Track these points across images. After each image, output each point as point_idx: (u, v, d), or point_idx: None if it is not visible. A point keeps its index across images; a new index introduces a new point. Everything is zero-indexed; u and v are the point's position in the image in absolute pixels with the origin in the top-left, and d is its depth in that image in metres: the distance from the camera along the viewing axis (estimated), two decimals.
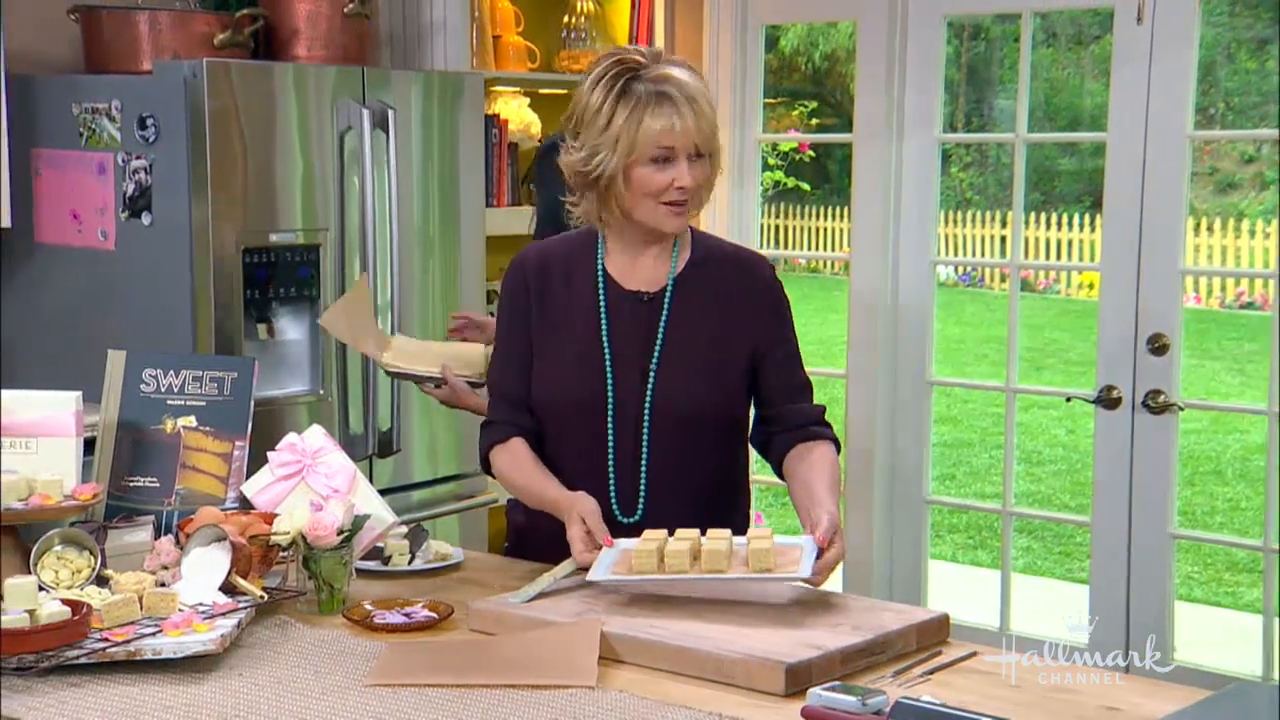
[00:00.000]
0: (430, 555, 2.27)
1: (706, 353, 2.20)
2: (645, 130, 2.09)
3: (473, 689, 1.73)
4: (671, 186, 2.12)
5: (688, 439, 2.19)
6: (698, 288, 2.22)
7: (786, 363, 2.25)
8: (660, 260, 2.23)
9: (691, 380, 2.19)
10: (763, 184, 4.60)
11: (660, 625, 1.87)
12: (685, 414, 2.18)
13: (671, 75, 2.12)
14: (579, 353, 2.20)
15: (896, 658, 1.84)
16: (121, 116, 3.27)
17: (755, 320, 2.23)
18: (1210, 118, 12.56)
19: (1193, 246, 11.84)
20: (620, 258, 2.23)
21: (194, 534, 2.04)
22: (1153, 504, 3.56)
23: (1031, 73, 3.88)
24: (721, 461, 2.24)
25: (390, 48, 3.93)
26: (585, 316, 2.21)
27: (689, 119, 2.09)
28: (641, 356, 2.19)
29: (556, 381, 2.21)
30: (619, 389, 2.19)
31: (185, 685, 1.76)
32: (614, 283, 2.22)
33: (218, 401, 2.28)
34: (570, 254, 2.26)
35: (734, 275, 2.25)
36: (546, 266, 2.25)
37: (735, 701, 1.71)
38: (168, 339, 3.21)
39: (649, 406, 2.18)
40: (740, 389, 2.23)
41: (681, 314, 2.21)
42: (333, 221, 3.40)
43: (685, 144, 2.10)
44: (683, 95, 2.10)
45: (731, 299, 2.22)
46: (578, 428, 2.20)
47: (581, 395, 2.19)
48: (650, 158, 2.11)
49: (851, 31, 3.97)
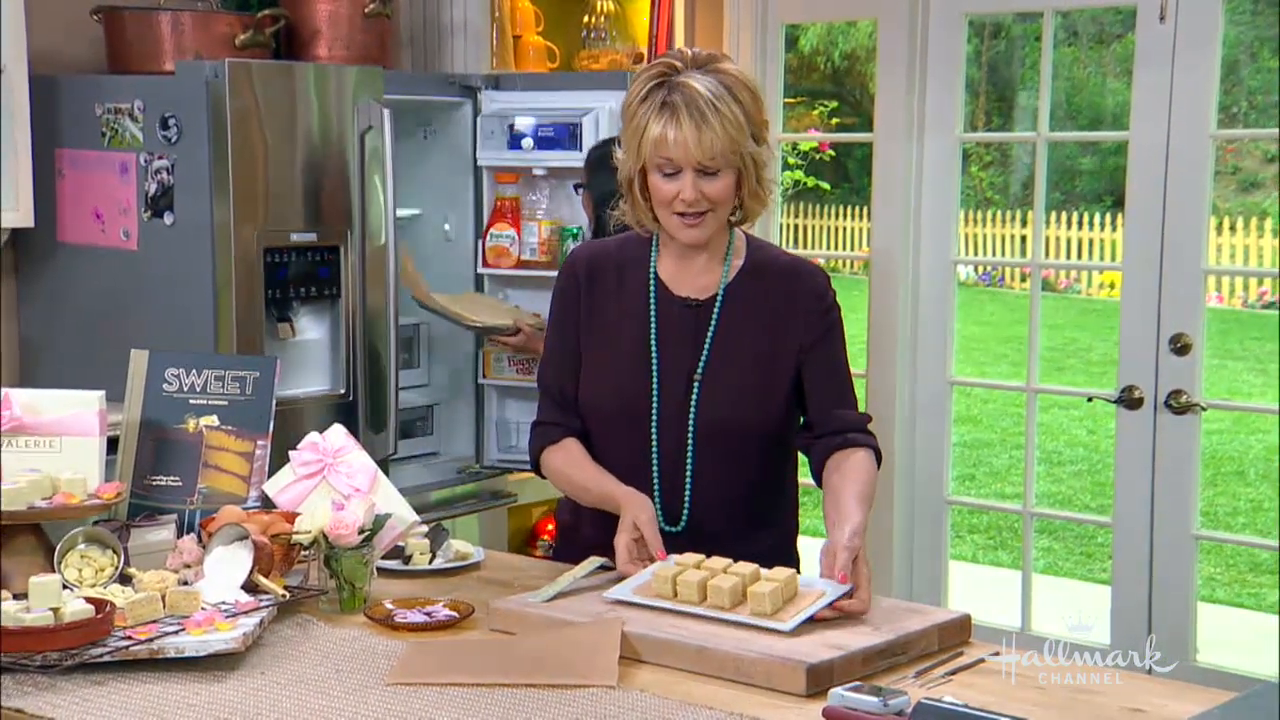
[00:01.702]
0: (451, 554, 2.28)
1: (753, 363, 2.16)
2: (647, 138, 2.06)
3: (493, 688, 1.73)
4: (677, 198, 2.08)
5: (733, 449, 2.16)
6: (748, 297, 2.18)
7: (832, 372, 2.20)
8: (711, 267, 2.19)
9: (737, 391, 2.15)
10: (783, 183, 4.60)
11: (681, 625, 1.87)
12: (730, 424, 2.15)
13: (688, 84, 2.04)
14: (627, 356, 2.17)
15: (918, 658, 1.84)
16: (144, 117, 3.29)
17: (805, 332, 2.17)
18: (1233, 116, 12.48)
19: (1215, 246, 11.76)
20: (672, 262, 2.20)
21: (216, 533, 2.04)
22: (1175, 505, 3.54)
23: (1053, 71, 3.87)
24: (767, 473, 2.21)
25: (410, 48, 3.94)
26: (635, 320, 2.18)
27: (687, 133, 2.03)
28: (688, 364, 2.16)
29: (603, 385, 2.19)
30: (664, 396, 2.16)
31: (208, 684, 1.77)
32: (664, 287, 2.19)
33: (239, 401, 2.28)
34: (624, 255, 2.22)
35: (786, 286, 2.19)
36: (599, 267, 2.22)
37: (756, 702, 1.70)
38: (189, 338, 3.23)
39: (694, 415, 2.15)
40: (787, 401, 2.18)
41: (730, 323, 2.17)
42: (353, 221, 3.41)
43: (684, 157, 2.05)
44: (688, 107, 2.03)
45: (782, 310, 2.18)
46: (623, 433, 2.17)
47: (627, 400, 2.17)
48: (656, 166, 2.08)
49: (871, 30, 3.96)
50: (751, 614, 1.87)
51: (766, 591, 1.87)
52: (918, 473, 3.90)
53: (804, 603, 1.88)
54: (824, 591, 1.89)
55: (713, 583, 1.91)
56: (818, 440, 2.20)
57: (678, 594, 1.93)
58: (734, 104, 2.05)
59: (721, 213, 2.12)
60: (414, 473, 3.59)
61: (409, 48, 3.95)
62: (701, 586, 1.92)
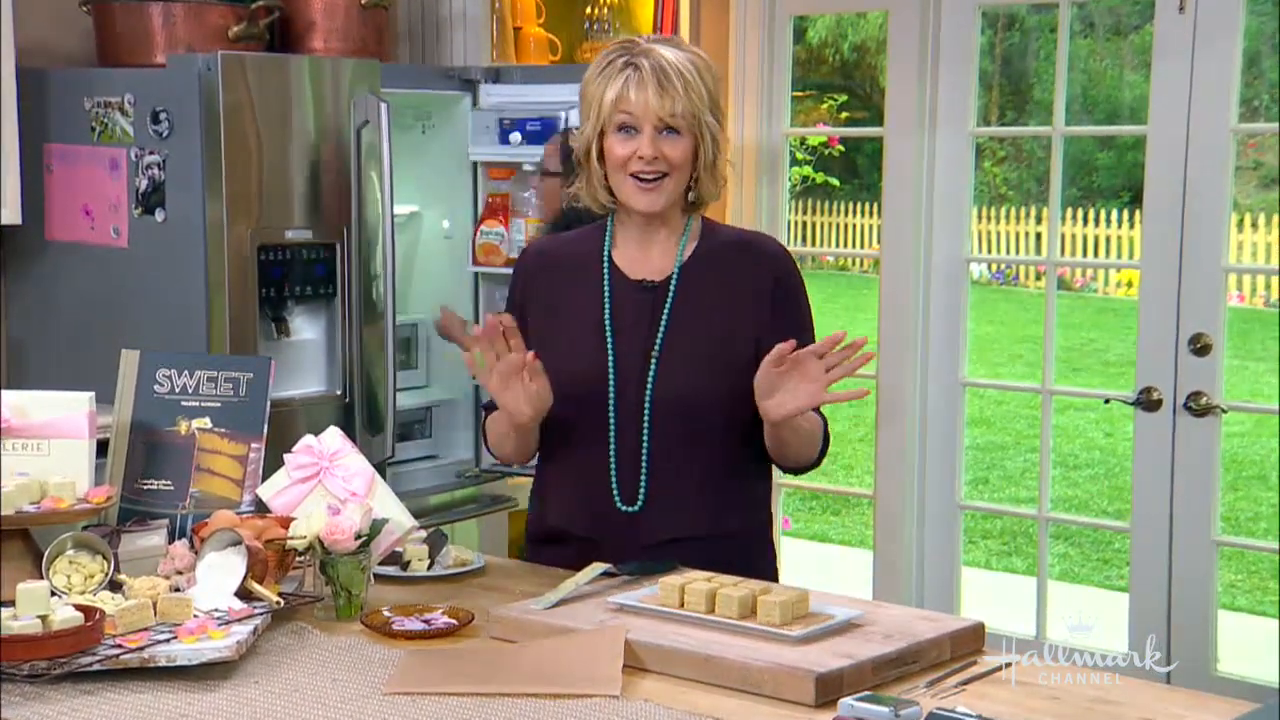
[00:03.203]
0: (450, 560, 2.28)
1: (711, 342, 2.23)
2: (606, 96, 2.16)
3: (494, 698, 1.73)
4: (634, 156, 2.16)
5: (690, 428, 2.21)
6: (704, 277, 2.26)
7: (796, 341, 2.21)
8: (667, 249, 2.27)
9: (695, 369, 2.22)
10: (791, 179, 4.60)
11: (686, 633, 1.87)
12: (688, 403, 2.21)
13: (654, 51, 2.17)
14: (581, 340, 2.25)
15: (930, 667, 1.84)
16: (134, 111, 3.29)
17: (760, 303, 2.24)
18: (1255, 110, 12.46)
19: (1236, 243, 11.76)
20: (627, 247, 2.28)
21: (209, 538, 2.05)
22: (1194, 509, 3.54)
23: (1069, 64, 3.86)
24: (727, 453, 2.25)
25: (408, 40, 3.95)
26: (589, 304, 2.26)
27: (650, 89, 2.13)
28: (645, 344, 2.23)
29: (559, 368, 2.24)
30: (620, 376, 2.22)
31: (200, 693, 1.77)
32: (619, 271, 2.27)
33: (233, 402, 2.29)
34: (578, 245, 2.32)
35: (741, 259, 2.28)
36: (550, 258, 2.32)
37: (763, 712, 1.70)
38: (181, 338, 3.23)
39: (650, 394, 2.21)
40: (747, 375, 2.21)
41: (686, 302, 2.24)
42: (350, 218, 3.41)
43: (645, 114, 2.14)
44: (653, 68, 2.14)
45: (738, 284, 2.25)
46: (579, 415, 2.23)
47: (583, 381, 2.23)
48: (616, 126, 2.16)
49: (882, 22, 3.96)
50: (761, 623, 1.87)
51: (777, 601, 1.87)
52: (929, 476, 3.90)
53: (814, 622, 1.88)
54: (834, 615, 1.89)
55: (722, 592, 1.92)
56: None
57: (685, 604, 1.93)
58: (697, 75, 2.17)
59: (678, 180, 2.19)
60: (412, 476, 3.60)
61: (407, 40, 3.95)
62: (710, 596, 1.92)
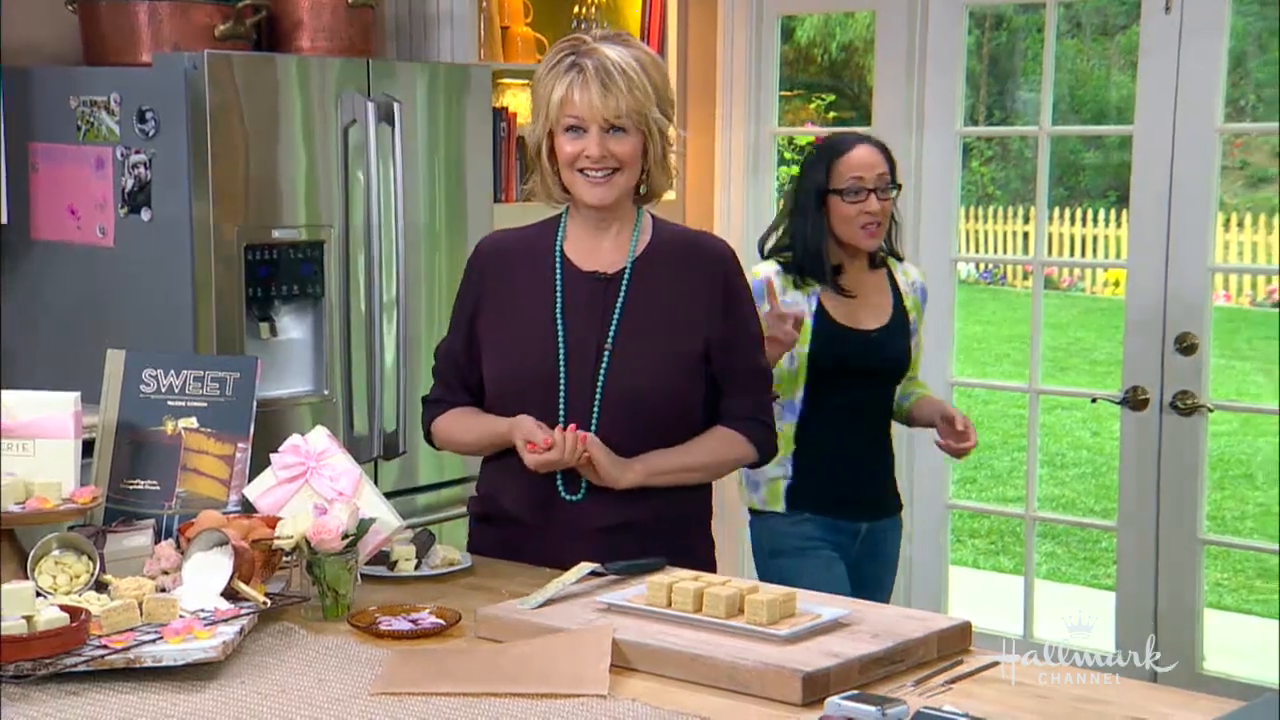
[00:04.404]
0: (437, 560, 2.28)
1: (663, 333, 2.27)
2: (554, 98, 2.22)
3: (481, 698, 1.73)
4: (582, 155, 2.22)
5: (637, 419, 2.26)
6: (656, 270, 2.30)
7: (739, 350, 2.33)
8: (619, 243, 2.31)
9: (645, 361, 2.26)
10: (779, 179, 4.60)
11: (674, 632, 1.87)
12: (637, 394, 2.25)
13: (599, 50, 2.21)
14: (533, 332, 2.29)
15: (917, 666, 1.84)
16: (120, 110, 3.28)
17: (709, 304, 2.30)
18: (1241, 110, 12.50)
19: (1222, 243, 11.78)
20: (580, 241, 2.32)
21: (195, 538, 2.04)
22: (1181, 508, 3.55)
23: (1056, 64, 3.88)
24: (672, 444, 2.29)
25: (396, 39, 3.94)
26: (541, 296, 2.30)
27: (593, 91, 2.18)
28: (597, 336, 2.27)
29: (511, 361, 2.30)
30: (572, 368, 2.26)
31: (186, 694, 1.77)
32: (571, 264, 2.31)
33: (219, 402, 2.28)
34: (530, 239, 2.37)
35: (691, 257, 2.32)
36: (502, 253, 2.37)
37: (751, 711, 1.70)
38: (168, 338, 3.22)
39: (602, 385, 2.25)
40: (696, 371, 2.29)
41: (639, 294, 2.28)
42: (337, 218, 3.41)
43: (590, 114, 2.19)
44: (597, 69, 2.19)
45: (687, 281, 2.30)
46: (531, 406, 2.26)
47: (535, 373, 2.27)
48: (565, 126, 2.22)
49: (870, 22, 3.97)
50: (748, 623, 1.88)
51: (765, 601, 1.88)
52: (917, 476, 3.91)
53: (801, 621, 1.88)
54: (821, 614, 1.90)
55: (709, 591, 1.92)
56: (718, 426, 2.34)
57: (672, 603, 1.93)
58: (642, 73, 2.21)
59: (628, 175, 2.24)
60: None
61: (394, 39, 3.94)
62: (698, 595, 1.92)
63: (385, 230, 3.45)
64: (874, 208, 2.92)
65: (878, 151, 2.98)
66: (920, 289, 3.09)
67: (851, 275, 2.97)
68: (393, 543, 2.24)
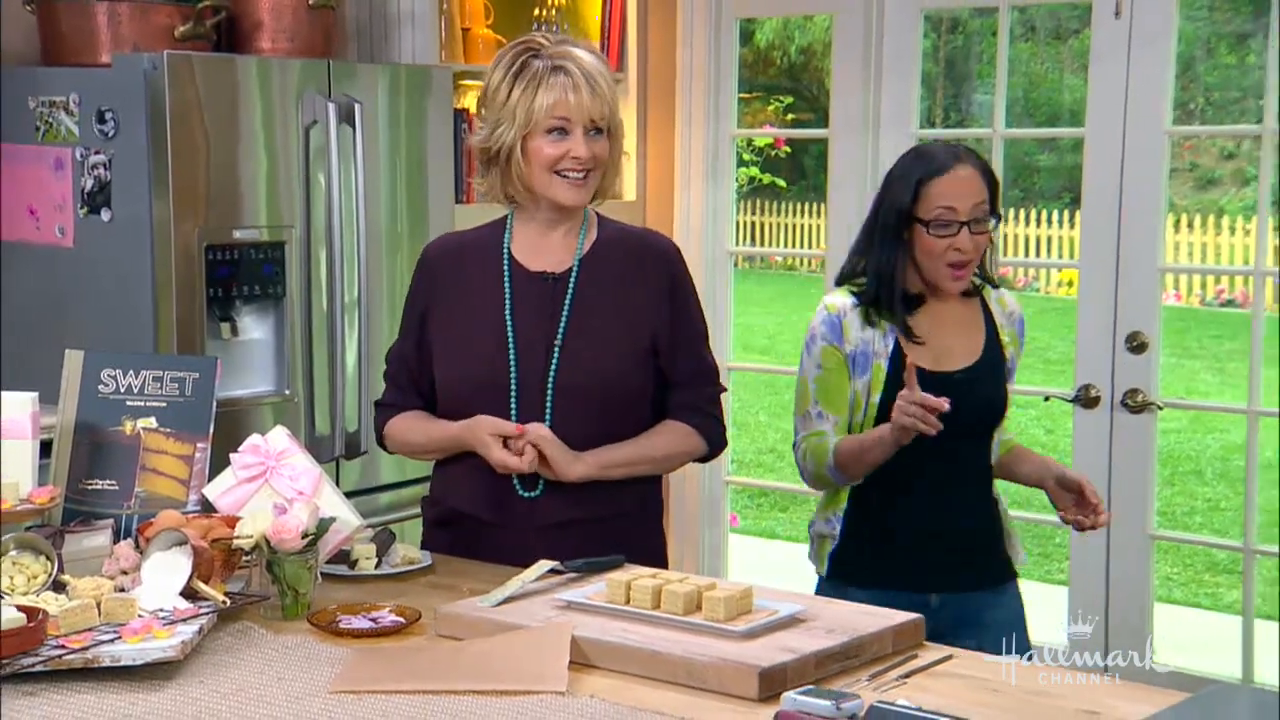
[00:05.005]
0: (397, 559, 2.27)
1: (611, 329, 2.29)
2: (540, 102, 2.22)
3: (440, 695, 1.72)
4: (567, 156, 2.23)
5: (589, 416, 2.27)
6: (602, 268, 2.32)
7: (687, 347, 2.35)
8: (566, 242, 2.33)
9: (596, 356, 2.27)
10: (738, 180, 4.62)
11: (632, 629, 1.86)
12: (587, 391, 2.27)
13: (571, 53, 2.24)
14: (482, 333, 2.30)
15: (872, 661, 1.84)
16: (79, 110, 3.25)
17: (657, 301, 2.32)
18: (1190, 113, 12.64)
19: (1172, 244, 11.91)
20: (527, 241, 2.34)
21: (154, 538, 2.02)
22: (1132, 504, 3.57)
23: (1010, 67, 3.90)
24: (624, 439, 2.30)
25: (356, 40, 3.92)
26: (489, 298, 2.31)
27: (584, 93, 2.21)
28: (546, 334, 2.28)
29: (462, 362, 2.31)
30: (522, 366, 2.28)
31: (145, 693, 1.75)
32: (519, 265, 2.33)
33: (179, 402, 2.26)
34: (478, 241, 2.38)
35: (637, 255, 2.34)
36: (450, 255, 2.38)
37: (708, 706, 1.70)
38: (128, 338, 3.19)
39: (552, 383, 2.27)
40: (645, 365, 2.31)
41: (586, 293, 2.30)
42: (298, 218, 3.38)
43: (580, 116, 2.22)
44: (580, 71, 2.22)
45: (635, 279, 2.32)
46: (482, 406, 2.27)
47: (486, 373, 2.29)
48: (546, 129, 2.23)
49: (828, 25, 3.98)
50: (706, 619, 1.87)
51: (722, 597, 1.88)
52: None
53: (758, 617, 1.88)
54: (778, 610, 1.90)
55: (668, 588, 1.92)
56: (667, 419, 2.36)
57: (631, 600, 1.93)
58: (609, 76, 2.27)
59: (599, 175, 2.28)
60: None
61: (355, 40, 3.92)
62: (656, 593, 1.92)
63: (346, 231, 3.43)
64: (965, 245, 2.41)
65: (978, 175, 2.45)
66: (1019, 320, 2.62)
67: (934, 309, 2.49)
68: (353, 542, 2.22)
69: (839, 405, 2.48)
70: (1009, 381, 2.59)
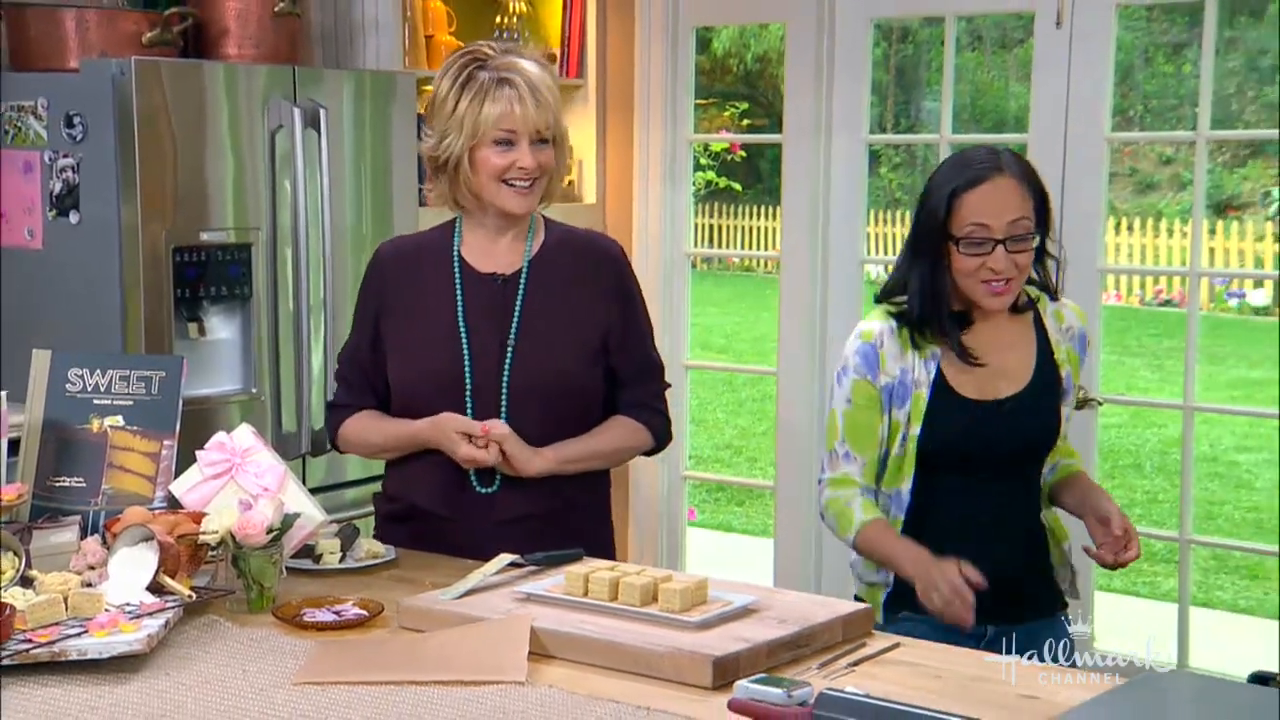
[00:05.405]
0: (361, 553, 2.26)
1: (561, 328, 2.30)
2: (486, 114, 2.21)
3: (403, 686, 1.72)
4: (513, 167, 2.24)
5: (543, 412, 2.28)
6: (551, 269, 2.32)
7: (634, 345, 2.37)
8: (515, 245, 2.34)
9: (548, 355, 2.28)
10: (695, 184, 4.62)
11: (589, 620, 1.86)
12: (541, 388, 2.28)
13: (516, 64, 2.24)
14: (437, 335, 2.30)
15: (822, 650, 1.85)
16: (48, 115, 3.22)
17: (605, 301, 2.33)
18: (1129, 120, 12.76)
19: (1113, 245, 12.01)
20: (476, 244, 2.34)
21: (121, 534, 2.00)
22: None
23: (957, 75, 3.92)
24: (577, 434, 2.32)
25: (321, 46, 3.89)
26: (442, 301, 2.31)
27: (529, 105, 2.21)
28: (499, 335, 2.29)
29: (418, 362, 2.31)
30: (476, 367, 2.28)
31: (111, 685, 1.73)
32: (469, 267, 2.33)
33: (145, 401, 2.24)
34: (428, 245, 2.37)
35: (585, 257, 2.35)
36: (402, 257, 2.37)
37: (663, 695, 1.71)
38: (97, 338, 3.16)
39: (506, 380, 2.27)
40: (595, 362, 2.32)
41: (536, 293, 2.31)
42: (264, 220, 3.36)
43: (525, 128, 2.22)
44: (525, 82, 2.22)
45: (583, 279, 2.33)
46: (439, 405, 2.27)
47: (443, 373, 2.28)
48: (493, 140, 2.23)
49: (783, 33, 3.99)
50: (661, 610, 1.87)
51: (677, 589, 1.88)
52: None
53: (713, 608, 1.89)
54: (731, 601, 1.90)
55: (624, 581, 1.92)
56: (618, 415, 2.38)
57: (589, 593, 1.93)
58: (554, 84, 2.27)
59: (545, 182, 2.28)
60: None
61: (319, 46, 3.90)
62: (613, 585, 1.92)
63: (312, 233, 3.41)
64: (999, 265, 2.19)
65: (1019, 186, 2.21)
66: (1079, 336, 2.36)
67: (980, 328, 2.26)
68: (317, 537, 2.21)
69: (867, 445, 2.28)
70: (1064, 402, 2.34)
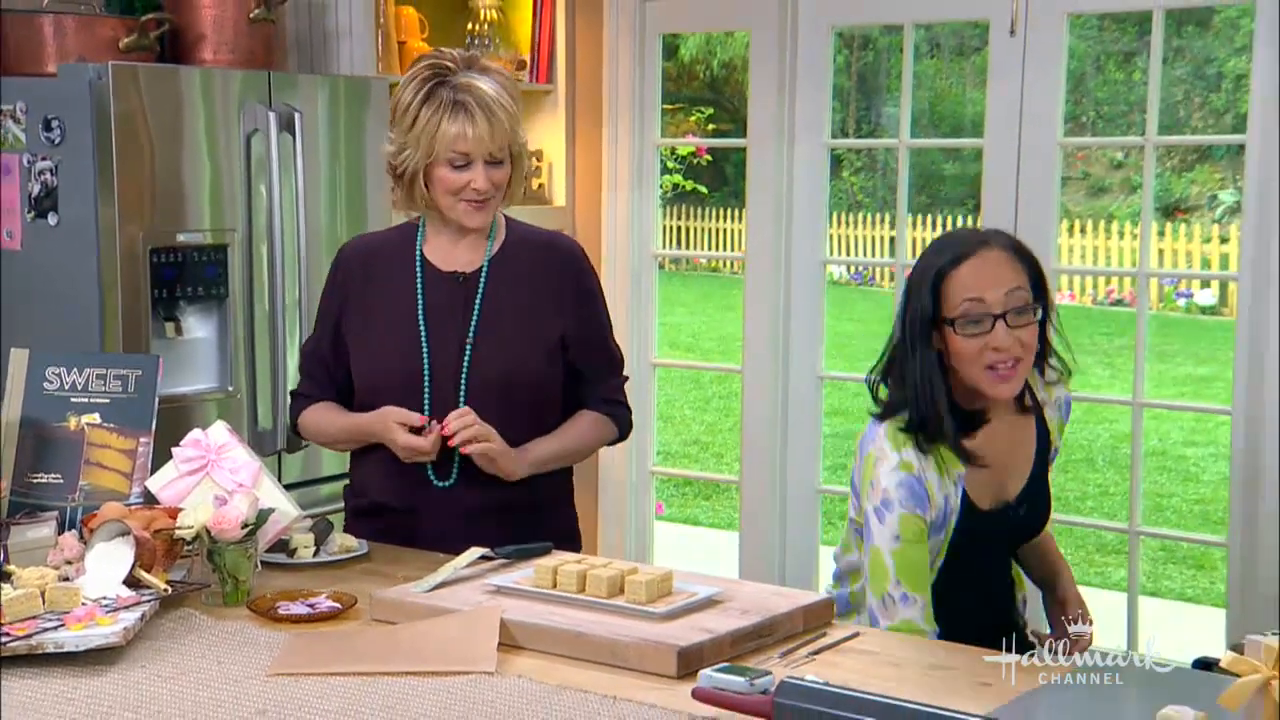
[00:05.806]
0: (335, 547, 2.25)
1: (521, 326, 2.30)
2: (441, 136, 2.21)
3: (375, 677, 1.71)
4: (468, 187, 2.24)
5: (501, 408, 2.27)
6: (511, 268, 2.33)
7: (594, 341, 2.37)
8: (476, 244, 2.34)
9: (507, 352, 2.28)
10: (662, 187, 4.62)
11: (558, 612, 1.86)
12: (499, 384, 2.28)
13: (474, 85, 2.22)
14: (397, 331, 2.30)
15: (784, 639, 1.85)
16: (26, 118, 3.18)
17: (564, 299, 2.33)
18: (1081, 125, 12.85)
19: (1066, 247, 12.10)
20: (439, 243, 2.34)
21: (98, 529, 1.99)
22: None
23: (916, 81, 3.94)
24: (535, 429, 2.33)
25: (296, 52, 3.87)
26: (403, 298, 2.31)
27: (482, 127, 2.20)
28: (458, 332, 2.29)
29: (378, 358, 2.31)
30: (435, 363, 2.28)
31: (87, 678, 1.72)
32: (431, 266, 2.33)
33: (122, 398, 2.22)
34: (392, 243, 2.38)
35: (545, 256, 2.36)
36: (366, 257, 2.38)
37: (630, 684, 1.70)
38: (75, 338, 3.14)
39: (465, 376, 2.27)
40: (554, 357, 2.33)
41: (496, 291, 2.31)
42: (240, 222, 3.34)
43: (479, 150, 2.22)
44: (479, 105, 2.21)
45: (542, 278, 2.33)
46: (398, 401, 2.27)
47: (401, 369, 2.28)
48: (447, 160, 2.23)
49: (748, 41, 4.00)
50: (628, 602, 1.87)
51: (644, 581, 1.88)
52: (790, 464, 3.94)
53: (678, 600, 1.89)
54: (696, 592, 1.90)
55: (592, 573, 1.92)
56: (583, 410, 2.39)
57: (557, 585, 1.93)
58: (510, 100, 2.25)
59: (500, 197, 2.29)
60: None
61: (294, 51, 3.87)
62: (581, 577, 1.92)
63: (287, 234, 3.39)
64: (1002, 342, 2.00)
65: (1010, 258, 2.04)
66: (1064, 403, 2.25)
67: (993, 427, 2.09)
68: (291, 531, 2.20)
69: (922, 582, 2.04)
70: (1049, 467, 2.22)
